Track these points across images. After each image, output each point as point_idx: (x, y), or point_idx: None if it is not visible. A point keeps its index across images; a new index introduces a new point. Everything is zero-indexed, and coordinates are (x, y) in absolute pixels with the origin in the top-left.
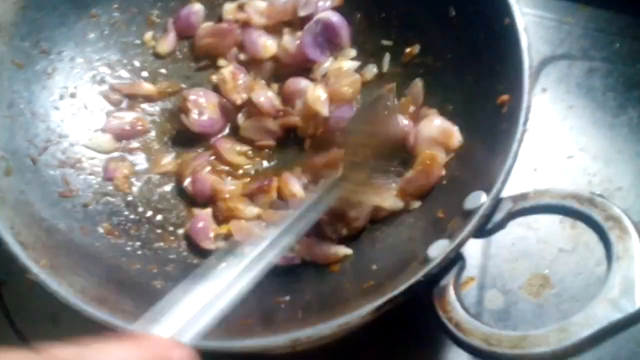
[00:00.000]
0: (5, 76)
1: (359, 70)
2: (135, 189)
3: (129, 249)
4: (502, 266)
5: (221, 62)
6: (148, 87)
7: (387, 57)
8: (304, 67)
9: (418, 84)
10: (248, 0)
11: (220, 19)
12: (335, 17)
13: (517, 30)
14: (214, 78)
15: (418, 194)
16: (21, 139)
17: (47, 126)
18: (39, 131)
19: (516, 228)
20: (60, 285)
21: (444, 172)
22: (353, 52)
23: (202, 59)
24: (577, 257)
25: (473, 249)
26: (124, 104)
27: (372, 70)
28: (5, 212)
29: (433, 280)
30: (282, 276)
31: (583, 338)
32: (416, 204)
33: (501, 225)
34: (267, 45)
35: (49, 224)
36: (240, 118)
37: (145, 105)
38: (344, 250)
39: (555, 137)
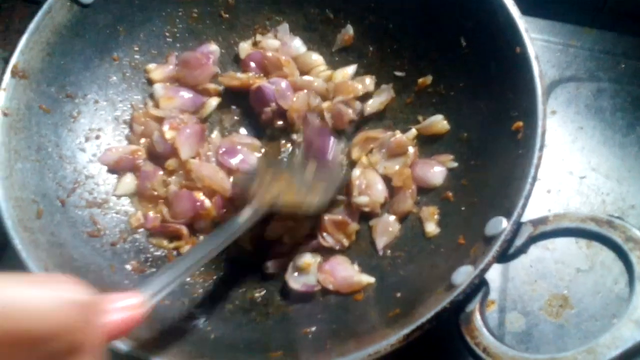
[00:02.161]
0: (34, 121)
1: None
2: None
3: None
4: (521, 288)
5: None
6: None
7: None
8: None
9: (438, 118)
10: (262, 38)
11: (237, 58)
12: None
13: (529, 58)
14: None
15: None
16: (50, 181)
17: (74, 168)
18: (66, 173)
19: (533, 250)
20: None
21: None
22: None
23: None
24: (595, 276)
25: (492, 273)
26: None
27: (390, 91)
28: (38, 253)
29: (459, 307)
30: (307, 306)
31: (610, 359)
32: (436, 230)
33: (522, 249)
34: None
35: (80, 264)
36: None
37: None
38: (367, 279)
39: (567, 158)
